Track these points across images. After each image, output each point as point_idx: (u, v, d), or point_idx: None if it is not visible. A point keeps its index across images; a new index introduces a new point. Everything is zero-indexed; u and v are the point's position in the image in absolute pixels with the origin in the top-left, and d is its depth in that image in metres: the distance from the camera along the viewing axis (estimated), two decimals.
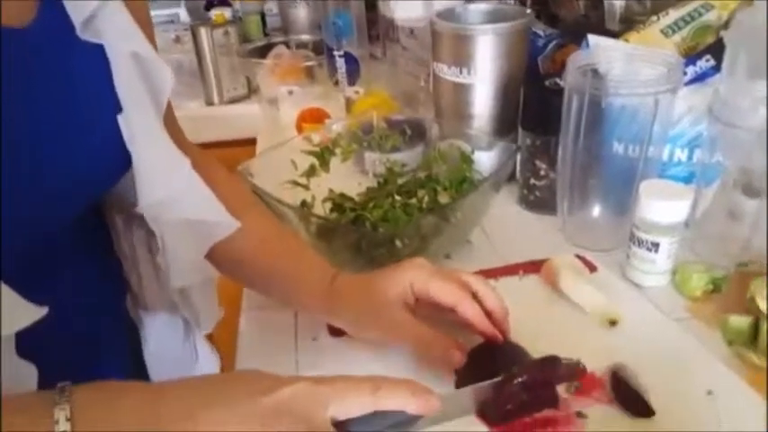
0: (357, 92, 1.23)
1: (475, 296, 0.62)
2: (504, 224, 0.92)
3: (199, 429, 0.38)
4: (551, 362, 0.55)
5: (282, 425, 0.39)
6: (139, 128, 0.53)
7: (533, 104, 0.89)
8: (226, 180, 0.70)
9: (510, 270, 0.78)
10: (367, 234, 0.75)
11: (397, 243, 0.77)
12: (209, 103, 1.46)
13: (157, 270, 0.64)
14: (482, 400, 0.52)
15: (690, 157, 0.84)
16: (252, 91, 1.49)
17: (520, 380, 0.53)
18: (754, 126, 0.70)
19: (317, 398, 0.41)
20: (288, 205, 0.77)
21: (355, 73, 1.32)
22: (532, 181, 0.93)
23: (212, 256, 0.64)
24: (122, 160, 0.53)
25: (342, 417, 0.42)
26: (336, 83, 1.28)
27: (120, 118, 0.52)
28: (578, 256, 0.79)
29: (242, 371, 0.55)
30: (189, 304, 0.67)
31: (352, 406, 0.42)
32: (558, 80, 0.87)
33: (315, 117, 1.15)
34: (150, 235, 0.60)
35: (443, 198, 0.87)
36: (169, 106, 0.61)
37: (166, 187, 0.56)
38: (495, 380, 0.53)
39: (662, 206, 0.71)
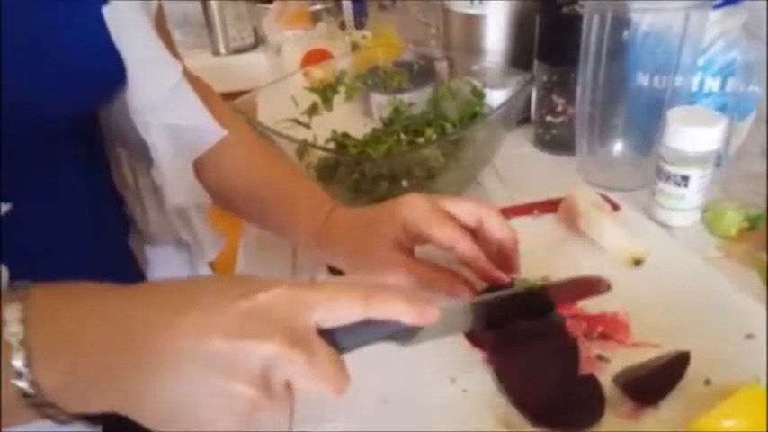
0: (365, 36, 1.16)
1: (480, 227, 0.57)
2: (518, 166, 0.87)
3: (174, 337, 0.35)
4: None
5: (259, 330, 0.35)
6: (127, 23, 0.50)
7: (550, 33, 0.83)
8: (214, 98, 0.66)
9: (523, 209, 0.73)
10: (369, 169, 0.70)
11: (403, 182, 0.72)
12: (216, 53, 1.41)
13: (159, 198, 0.62)
14: (480, 314, 0.47)
15: (722, 87, 0.77)
16: (259, 40, 1.44)
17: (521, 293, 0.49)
18: None
19: (300, 302, 0.37)
20: (287, 137, 0.71)
21: (362, 16, 1.25)
22: (549, 118, 0.87)
23: (207, 183, 0.63)
24: (112, 60, 0.50)
25: (328, 324, 0.37)
26: (342, 24, 1.22)
27: (105, 10, 0.49)
28: (600, 195, 0.72)
29: (217, 274, 0.51)
30: (190, 228, 0.65)
31: (341, 313, 0.37)
32: (576, 6, 0.80)
33: (320, 59, 1.09)
34: (150, 164, 0.58)
35: None
36: (161, 13, 0.59)
37: (158, 88, 0.54)
38: (496, 293, 0.48)
39: (692, 133, 0.65)
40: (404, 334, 0.41)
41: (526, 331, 0.52)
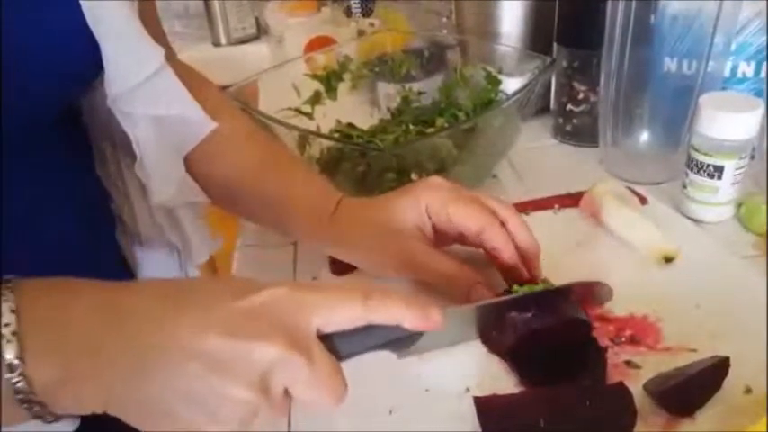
0: (372, 24, 1.12)
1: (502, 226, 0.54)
2: (536, 158, 0.83)
3: (171, 333, 0.34)
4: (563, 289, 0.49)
5: (258, 331, 0.34)
6: (103, 5, 0.48)
7: (571, 14, 0.79)
8: (208, 88, 0.62)
9: (543, 204, 0.68)
10: (376, 161, 0.65)
11: (413, 176, 0.68)
12: (216, 44, 1.38)
13: (146, 195, 0.59)
14: (485, 320, 0.46)
15: (757, 72, 0.72)
16: (261, 31, 1.40)
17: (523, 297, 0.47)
18: None
19: (299, 304, 0.36)
20: (288, 125, 0.67)
21: (369, 1, 1.21)
22: (569, 107, 0.83)
23: (203, 179, 0.60)
24: (87, 43, 0.48)
25: (328, 329, 0.36)
26: (348, 10, 1.17)
27: None
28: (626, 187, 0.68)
29: (212, 276, 0.49)
30: (177, 228, 0.62)
31: (341, 317, 0.36)
32: None
33: (324, 47, 1.04)
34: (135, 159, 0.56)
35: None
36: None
37: (136, 74, 0.51)
38: (499, 298, 0.46)
39: (728, 119, 0.60)
40: (402, 342, 0.40)
41: (548, 336, 0.48)
